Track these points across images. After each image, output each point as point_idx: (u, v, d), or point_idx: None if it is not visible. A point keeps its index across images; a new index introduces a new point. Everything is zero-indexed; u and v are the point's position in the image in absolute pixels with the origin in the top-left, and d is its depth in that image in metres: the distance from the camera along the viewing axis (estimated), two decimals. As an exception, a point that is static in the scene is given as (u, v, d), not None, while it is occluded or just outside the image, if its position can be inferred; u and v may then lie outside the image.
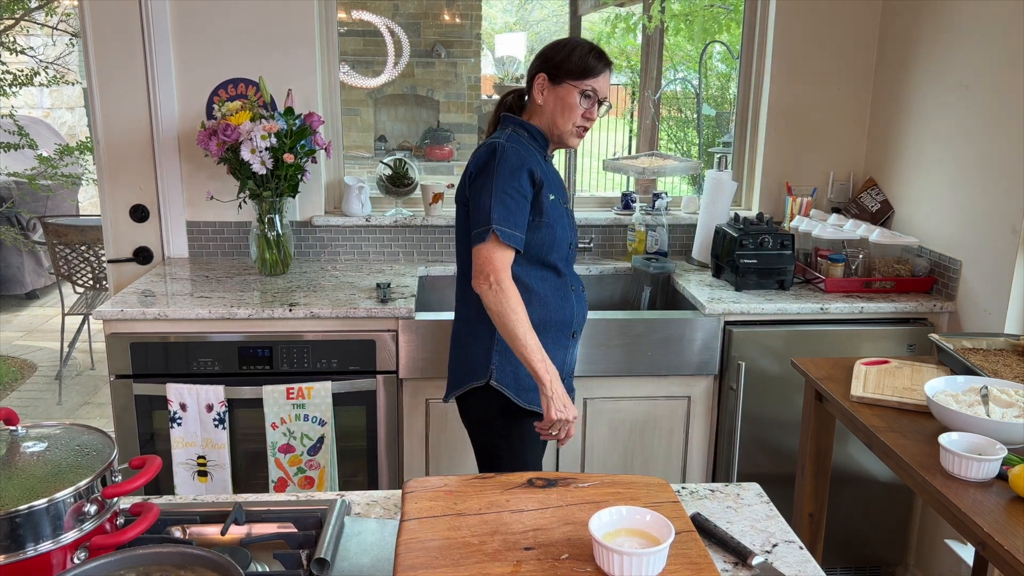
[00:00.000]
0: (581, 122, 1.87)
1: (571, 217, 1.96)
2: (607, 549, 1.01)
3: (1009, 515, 1.35)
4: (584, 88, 1.84)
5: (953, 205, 2.44)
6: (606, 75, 1.86)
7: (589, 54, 1.84)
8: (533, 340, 1.73)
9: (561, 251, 1.89)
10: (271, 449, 2.22)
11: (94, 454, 1.04)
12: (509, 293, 1.74)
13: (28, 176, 5.01)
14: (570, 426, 1.77)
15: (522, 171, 1.78)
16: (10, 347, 5.16)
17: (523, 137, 1.87)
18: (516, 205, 1.77)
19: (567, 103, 1.84)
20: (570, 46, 1.86)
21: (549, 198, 1.84)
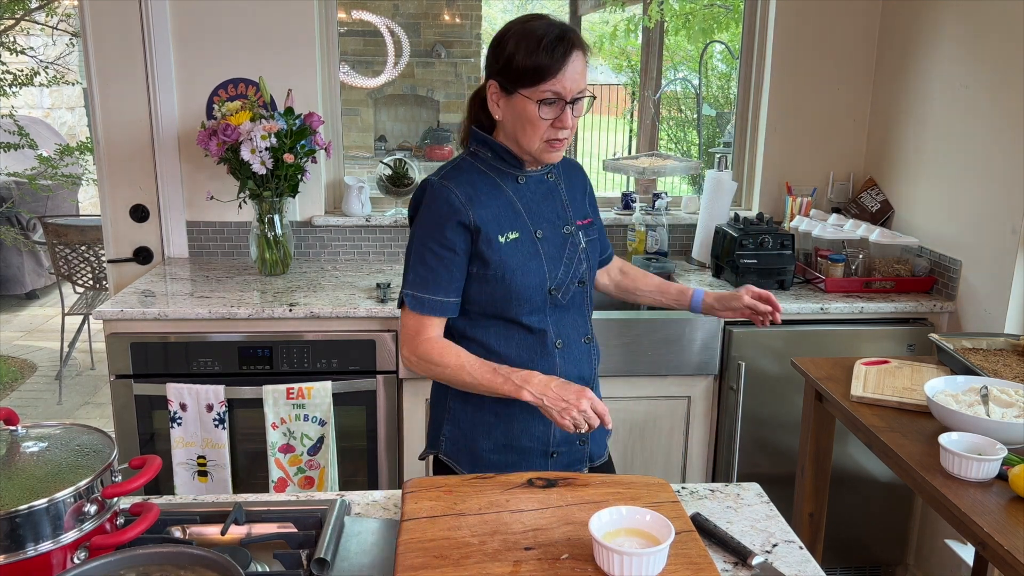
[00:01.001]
0: (551, 135, 1.45)
1: (568, 249, 1.55)
2: (607, 549, 1.01)
3: (1009, 515, 1.35)
4: (542, 95, 1.41)
5: (953, 205, 2.44)
6: (574, 63, 1.41)
7: (538, 48, 1.39)
8: (482, 373, 1.45)
9: (528, 302, 1.51)
10: (271, 449, 2.22)
11: (94, 454, 1.04)
12: (430, 356, 1.49)
13: (28, 176, 5.02)
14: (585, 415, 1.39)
15: (447, 222, 1.46)
16: (10, 347, 5.16)
17: (485, 159, 1.53)
18: (438, 263, 1.48)
19: (525, 117, 1.43)
20: (511, 40, 1.43)
21: (499, 240, 1.48)
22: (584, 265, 1.58)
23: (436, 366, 1.49)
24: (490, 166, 1.53)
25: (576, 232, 1.58)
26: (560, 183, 1.60)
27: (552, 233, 1.55)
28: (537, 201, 1.55)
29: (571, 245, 1.56)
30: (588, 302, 1.62)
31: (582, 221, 1.60)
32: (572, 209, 1.59)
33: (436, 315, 1.50)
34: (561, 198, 1.58)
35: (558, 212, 1.57)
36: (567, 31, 1.43)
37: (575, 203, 1.61)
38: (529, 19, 1.46)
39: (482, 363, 1.47)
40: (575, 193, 1.62)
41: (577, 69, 1.42)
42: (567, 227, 1.57)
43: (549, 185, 1.58)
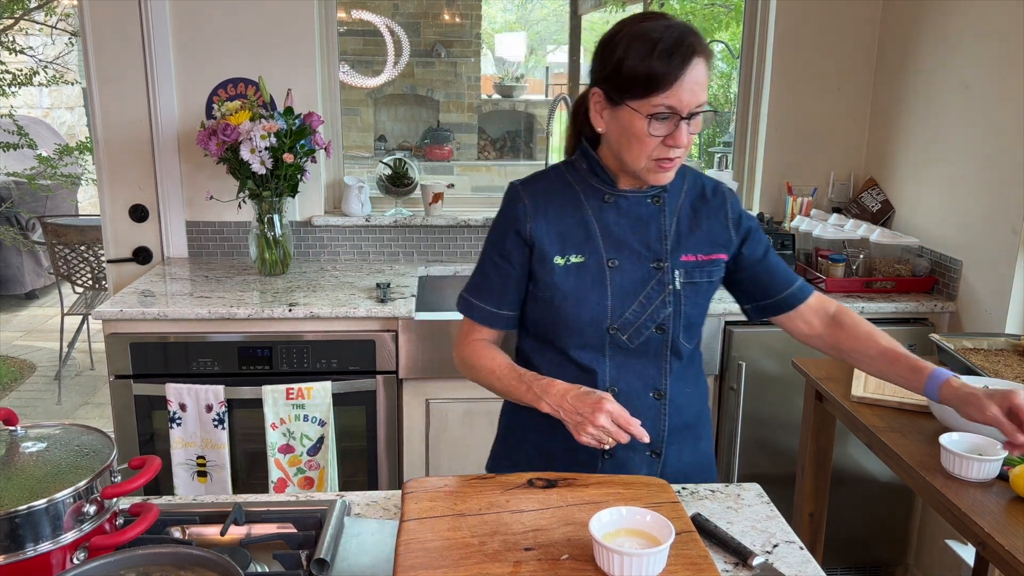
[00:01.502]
0: (660, 153, 1.27)
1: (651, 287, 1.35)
2: (607, 549, 1.01)
3: (1009, 515, 1.35)
4: (654, 109, 1.23)
5: (954, 205, 2.44)
6: (694, 73, 1.22)
7: (652, 52, 1.22)
8: (509, 379, 1.36)
9: (579, 335, 1.36)
10: (271, 449, 2.22)
11: (93, 454, 1.04)
12: (469, 358, 1.42)
13: (28, 176, 5.02)
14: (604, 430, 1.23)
15: (508, 230, 1.38)
16: (10, 347, 5.16)
17: (579, 170, 1.39)
18: (495, 272, 1.40)
19: (632, 132, 1.26)
20: (621, 42, 1.25)
21: (555, 261, 1.35)
22: (670, 309, 1.36)
23: (473, 369, 1.42)
24: (581, 179, 1.38)
25: (671, 270, 1.36)
26: (667, 209, 1.38)
27: (632, 265, 1.36)
28: (622, 226, 1.36)
29: (656, 283, 1.36)
30: (669, 353, 1.39)
31: (689, 257, 1.38)
32: (676, 242, 1.37)
33: (482, 324, 1.42)
34: (661, 227, 1.37)
35: (650, 243, 1.36)
36: (688, 33, 1.24)
37: (687, 235, 1.38)
38: (644, 18, 1.27)
39: (512, 368, 1.37)
40: (697, 223, 1.39)
41: (697, 79, 1.23)
42: (658, 262, 1.36)
43: (649, 210, 1.37)
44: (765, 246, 1.46)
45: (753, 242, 1.44)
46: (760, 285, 1.45)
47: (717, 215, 1.41)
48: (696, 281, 1.38)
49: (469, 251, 2.87)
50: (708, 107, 1.27)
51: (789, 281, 1.46)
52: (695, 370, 1.48)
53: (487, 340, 1.44)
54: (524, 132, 6.62)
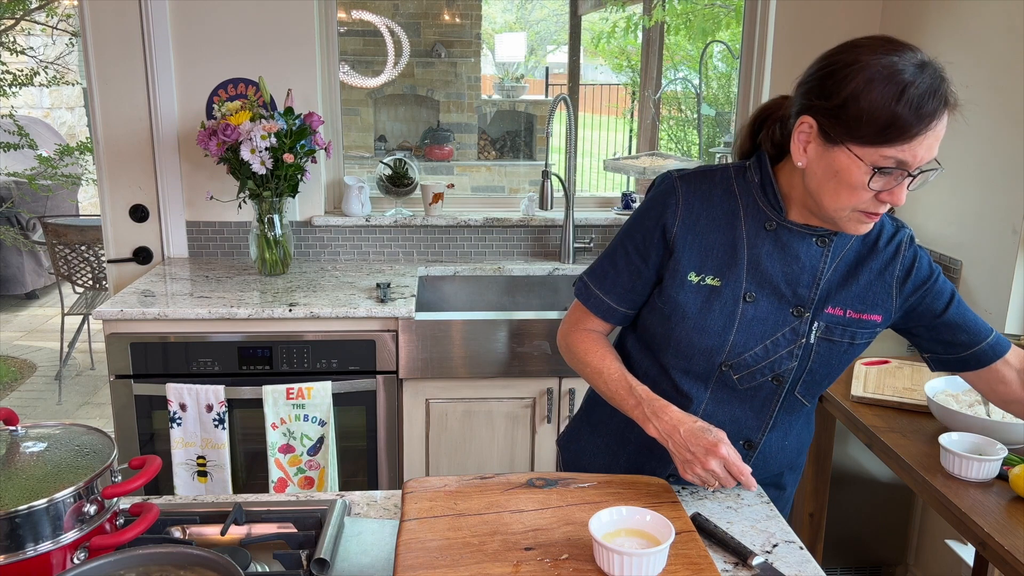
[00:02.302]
0: (869, 207, 1.12)
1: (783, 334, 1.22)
2: (607, 549, 1.01)
3: (1009, 515, 1.35)
4: (883, 162, 1.07)
5: (953, 205, 2.44)
6: (938, 129, 1.08)
7: (902, 98, 1.05)
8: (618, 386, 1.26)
9: (687, 360, 1.26)
10: (271, 449, 2.22)
11: (94, 454, 1.04)
12: (576, 347, 1.33)
13: (28, 176, 5.02)
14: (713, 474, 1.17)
15: (652, 225, 1.25)
16: (10, 347, 5.16)
17: (749, 183, 1.24)
18: (626, 264, 1.28)
19: (844, 179, 1.10)
20: (859, 75, 1.08)
21: (687, 277, 1.22)
22: (795, 363, 1.23)
23: (579, 362, 1.33)
24: (747, 193, 1.23)
25: (811, 322, 1.22)
26: (831, 254, 1.22)
27: (770, 305, 1.22)
28: (774, 260, 1.22)
29: (790, 331, 1.22)
30: (778, 405, 1.27)
31: (835, 311, 1.22)
32: (827, 292, 1.22)
33: (596, 315, 1.33)
34: (817, 272, 1.22)
35: (798, 286, 1.22)
36: (942, 80, 1.10)
37: (840, 285, 1.23)
38: (889, 48, 1.10)
39: (624, 377, 1.27)
40: (857, 275, 1.23)
41: (939, 134, 1.09)
42: (799, 308, 1.22)
43: (811, 251, 1.21)
44: (946, 300, 1.26)
45: (930, 297, 1.25)
46: (940, 342, 1.28)
47: (883, 270, 1.24)
48: (835, 340, 1.23)
49: (469, 251, 2.87)
50: (935, 165, 1.10)
51: (977, 338, 1.27)
52: (802, 424, 1.36)
53: (599, 332, 1.34)
54: (524, 132, 6.62)
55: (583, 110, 8.14)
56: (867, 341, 1.26)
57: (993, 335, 1.28)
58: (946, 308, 1.26)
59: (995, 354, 1.28)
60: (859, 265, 1.24)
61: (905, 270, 1.25)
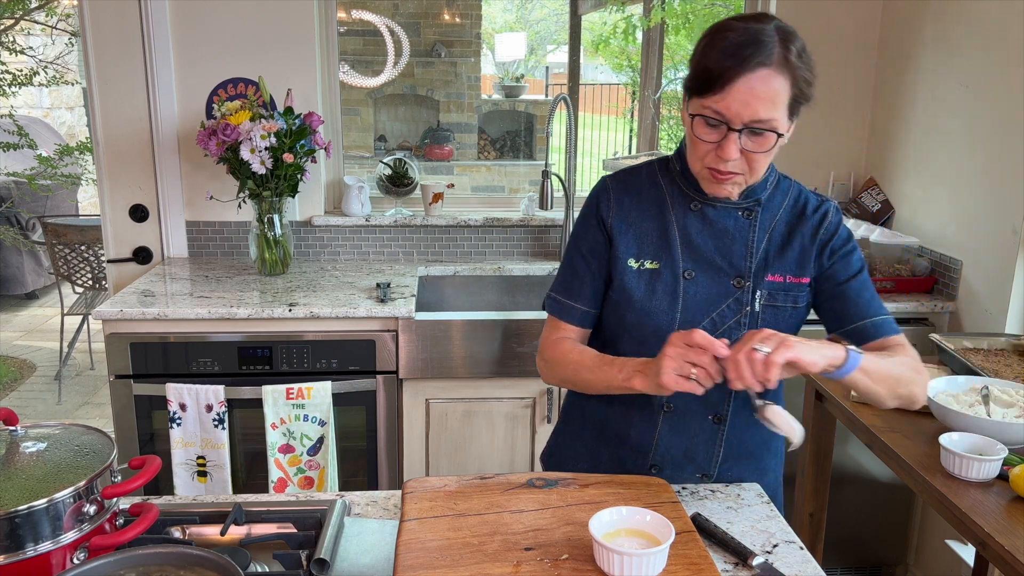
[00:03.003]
0: (712, 162, 1.20)
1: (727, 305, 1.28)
2: (607, 549, 1.01)
3: (1009, 515, 1.35)
4: (701, 111, 1.16)
5: (954, 205, 2.44)
6: (751, 83, 1.12)
7: (714, 50, 1.14)
8: (600, 364, 1.28)
9: (642, 345, 1.30)
10: (271, 449, 2.22)
11: (93, 454, 1.04)
12: (553, 355, 1.35)
13: (28, 176, 5.02)
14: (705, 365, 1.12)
15: (592, 223, 1.33)
16: (10, 347, 5.16)
17: (673, 172, 1.32)
18: (583, 266, 1.34)
19: (689, 135, 1.22)
20: (703, 35, 1.19)
21: (628, 263, 1.30)
22: (743, 331, 1.25)
23: (559, 365, 1.34)
24: (671, 182, 1.31)
25: (752, 290, 1.28)
26: (760, 224, 1.29)
27: (709, 279, 1.28)
28: (704, 236, 1.29)
29: (734, 302, 1.28)
30: None
31: (775, 278, 1.28)
32: (764, 261, 1.29)
33: (572, 324, 1.36)
34: (748, 243, 1.29)
35: (733, 258, 1.28)
36: (761, 39, 1.13)
37: (776, 255, 1.29)
38: (745, 16, 1.18)
39: (603, 356, 1.28)
40: (790, 243, 1.30)
41: (755, 91, 1.12)
42: (739, 279, 1.28)
43: (739, 223, 1.29)
44: (851, 272, 1.31)
45: (840, 264, 1.31)
46: (833, 310, 1.32)
47: (813, 235, 1.30)
48: (779, 304, 1.29)
49: (469, 251, 2.87)
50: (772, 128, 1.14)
51: (863, 313, 1.31)
52: (768, 398, 1.35)
53: (573, 339, 1.37)
54: (524, 132, 6.62)
55: (583, 110, 8.14)
56: (808, 302, 1.33)
57: (881, 318, 1.31)
58: (849, 279, 1.31)
59: (875, 333, 1.30)
60: (791, 233, 1.31)
61: (829, 235, 1.31)
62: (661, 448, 1.36)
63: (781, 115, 1.17)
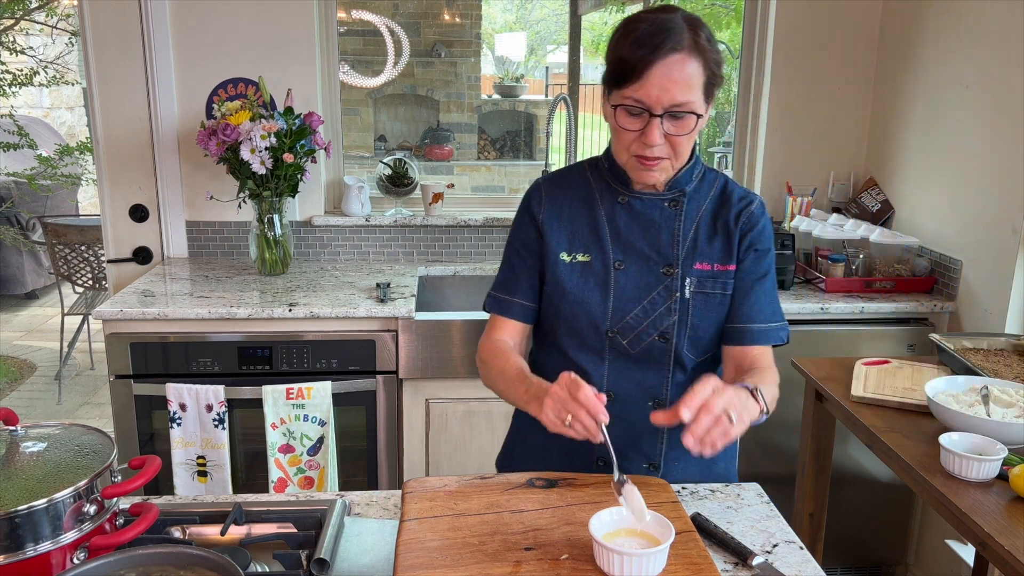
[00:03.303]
0: (637, 149, 1.24)
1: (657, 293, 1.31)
2: (607, 549, 1.01)
3: (1009, 515, 1.35)
4: (623, 100, 1.21)
5: (954, 205, 2.44)
6: (667, 68, 1.17)
7: (627, 41, 1.19)
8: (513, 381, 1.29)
9: (577, 336, 1.34)
10: (271, 449, 2.22)
11: (93, 454, 1.04)
12: (483, 354, 1.38)
13: (28, 176, 5.02)
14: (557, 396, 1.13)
15: (526, 221, 1.39)
16: (10, 347, 5.16)
17: (601, 169, 1.37)
18: (520, 261, 1.38)
19: (612, 126, 1.26)
20: (614, 30, 1.24)
21: (560, 257, 1.34)
22: (675, 318, 1.30)
23: (485, 367, 1.35)
24: (600, 178, 1.36)
25: (681, 277, 1.31)
26: (686, 214, 1.33)
27: (639, 269, 1.32)
28: (633, 228, 1.33)
29: (663, 289, 1.31)
30: (672, 363, 1.33)
31: (703, 266, 1.32)
32: (692, 249, 1.32)
33: (507, 316, 1.38)
34: (675, 232, 1.32)
35: (661, 247, 1.32)
36: (672, 25, 1.18)
37: (705, 243, 1.33)
38: (652, 8, 1.24)
39: (522, 372, 1.28)
40: (716, 232, 1.33)
41: (672, 76, 1.17)
42: (668, 267, 1.32)
43: (665, 213, 1.33)
44: (759, 276, 1.34)
45: (753, 259, 1.34)
46: (731, 307, 1.34)
47: (735, 222, 1.34)
48: (708, 291, 1.32)
49: (469, 251, 2.87)
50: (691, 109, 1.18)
51: (752, 317, 1.33)
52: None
53: (509, 342, 1.38)
54: (524, 132, 6.62)
55: (583, 110, 8.13)
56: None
57: (756, 327, 1.33)
58: (755, 283, 1.33)
59: (740, 339, 1.33)
60: (717, 221, 1.34)
61: (750, 226, 1.34)
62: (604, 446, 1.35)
63: (697, 97, 1.21)
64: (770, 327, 1.34)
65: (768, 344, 1.34)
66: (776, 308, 1.36)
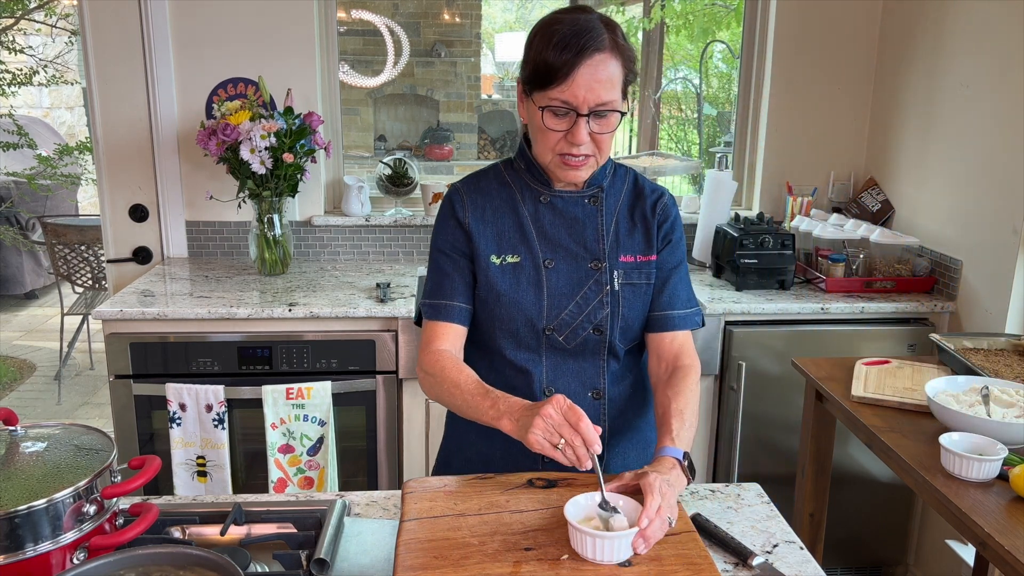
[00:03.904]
0: (563, 149, 1.26)
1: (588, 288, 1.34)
2: (581, 532, 1.03)
3: (1009, 515, 1.35)
4: (549, 102, 1.22)
5: (954, 205, 2.44)
6: (591, 69, 1.19)
7: (550, 44, 1.20)
8: (473, 394, 1.25)
9: (514, 336, 1.35)
10: (271, 449, 2.22)
11: (93, 454, 1.04)
12: (431, 367, 1.32)
13: (27, 176, 5.02)
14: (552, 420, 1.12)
15: (448, 221, 1.37)
16: (9, 347, 5.16)
17: (518, 170, 1.38)
18: (451, 265, 1.37)
19: (535, 125, 1.27)
20: (535, 32, 1.25)
21: (490, 260, 1.34)
22: (607, 310, 1.34)
23: (436, 381, 1.30)
24: (518, 178, 1.38)
25: (609, 270, 1.35)
26: (606, 209, 1.37)
27: (569, 266, 1.34)
28: (558, 226, 1.35)
29: (594, 284, 1.34)
30: (607, 353, 1.37)
31: (627, 258, 1.36)
32: (615, 243, 1.36)
33: (444, 321, 1.35)
34: (598, 227, 1.36)
35: (587, 243, 1.35)
36: (592, 27, 1.20)
37: (626, 236, 1.37)
38: (568, 10, 1.25)
39: (479, 382, 1.26)
40: (635, 224, 1.38)
41: (597, 76, 1.20)
42: (596, 262, 1.35)
43: (586, 210, 1.36)
44: (675, 264, 1.40)
45: (668, 250, 1.39)
46: (652, 296, 1.38)
47: (650, 215, 1.39)
48: (635, 282, 1.36)
49: (469, 251, 2.87)
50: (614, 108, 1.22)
51: (672, 304, 1.38)
52: (636, 374, 1.43)
53: (452, 352, 1.35)
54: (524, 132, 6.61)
55: (583, 110, 8.12)
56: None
57: (687, 313, 1.39)
58: (671, 269, 1.39)
59: (670, 326, 1.38)
60: (634, 214, 1.38)
61: (664, 217, 1.39)
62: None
63: (619, 95, 1.24)
64: (688, 313, 1.40)
65: (688, 329, 1.40)
66: (691, 294, 1.42)
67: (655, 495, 1.08)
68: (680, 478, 1.19)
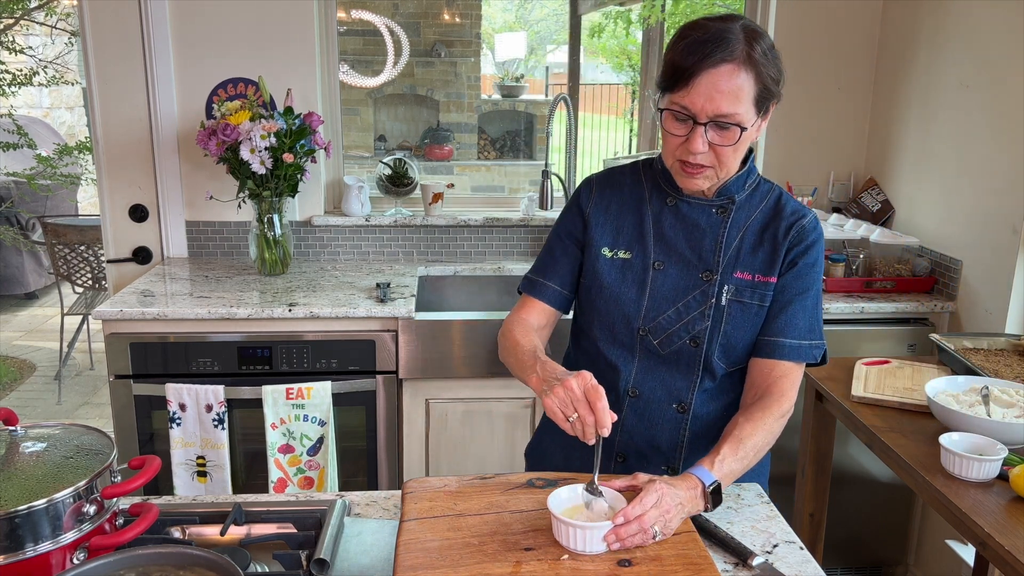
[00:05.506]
0: (682, 155, 1.24)
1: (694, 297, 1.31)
2: (564, 523, 1.04)
3: (1009, 515, 1.35)
4: (670, 106, 1.22)
5: (954, 205, 2.44)
6: (713, 78, 1.17)
7: (679, 47, 1.20)
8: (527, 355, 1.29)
9: (610, 331, 1.35)
10: (271, 449, 2.22)
11: (93, 454, 1.04)
12: (504, 329, 1.39)
13: (27, 176, 5.02)
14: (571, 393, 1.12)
15: (573, 211, 1.41)
16: (9, 347, 5.16)
17: (655, 170, 1.38)
18: (560, 250, 1.41)
19: (662, 131, 1.27)
20: (674, 35, 1.24)
21: (602, 252, 1.36)
22: (707, 323, 1.30)
23: (503, 339, 1.37)
24: (652, 179, 1.38)
25: (719, 283, 1.31)
26: (733, 222, 1.33)
27: (678, 271, 1.33)
28: (677, 230, 1.33)
29: (699, 293, 1.31)
30: (701, 368, 1.33)
31: (744, 275, 1.31)
32: (735, 258, 1.32)
33: (535, 297, 1.41)
34: (718, 238, 1.32)
35: (703, 252, 1.32)
36: (724, 37, 1.17)
37: (748, 253, 1.32)
38: (715, 16, 1.23)
39: (536, 348, 1.29)
40: (762, 243, 1.32)
41: (718, 86, 1.16)
42: (706, 272, 1.32)
43: (711, 219, 1.33)
44: (800, 291, 1.31)
45: (793, 278, 1.31)
46: (766, 319, 1.32)
47: (784, 236, 1.32)
48: (745, 301, 1.31)
49: (469, 251, 2.87)
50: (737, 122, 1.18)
51: (784, 332, 1.31)
52: (733, 399, 1.38)
53: (532, 322, 1.40)
54: (524, 132, 6.62)
55: (583, 110, 8.14)
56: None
57: (787, 342, 1.30)
58: (795, 297, 1.31)
59: (767, 352, 1.32)
60: (765, 233, 1.33)
61: (798, 239, 1.32)
62: (625, 436, 1.38)
63: (745, 110, 1.21)
64: (802, 344, 1.31)
65: (797, 361, 1.32)
66: (815, 326, 1.33)
67: (644, 501, 1.07)
68: (696, 501, 1.15)
